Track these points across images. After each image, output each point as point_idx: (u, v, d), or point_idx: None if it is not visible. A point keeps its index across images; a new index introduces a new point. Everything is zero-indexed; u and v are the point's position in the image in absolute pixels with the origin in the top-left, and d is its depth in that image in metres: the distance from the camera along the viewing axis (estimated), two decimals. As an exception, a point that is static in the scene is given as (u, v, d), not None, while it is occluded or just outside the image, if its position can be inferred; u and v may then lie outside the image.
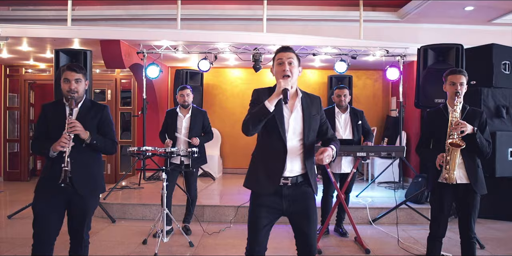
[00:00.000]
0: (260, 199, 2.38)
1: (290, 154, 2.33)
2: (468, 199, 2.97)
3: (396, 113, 7.93)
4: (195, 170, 4.56)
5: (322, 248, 4.11)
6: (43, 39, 6.06)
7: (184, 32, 6.42)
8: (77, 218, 2.71)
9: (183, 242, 4.23)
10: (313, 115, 2.41)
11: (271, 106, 2.24)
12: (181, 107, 4.61)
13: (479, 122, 3.02)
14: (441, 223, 3.04)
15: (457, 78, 3.02)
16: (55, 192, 2.62)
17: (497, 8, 6.55)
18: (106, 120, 2.83)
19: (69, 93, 2.65)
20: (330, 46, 6.54)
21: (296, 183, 2.36)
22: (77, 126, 2.59)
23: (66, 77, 2.68)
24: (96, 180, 2.78)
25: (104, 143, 2.76)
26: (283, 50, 2.39)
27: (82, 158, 2.68)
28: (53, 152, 2.59)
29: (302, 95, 2.43)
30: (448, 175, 2.89)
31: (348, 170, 4.36)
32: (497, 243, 4.39)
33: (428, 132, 3.18)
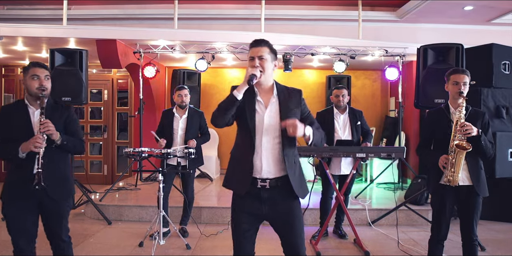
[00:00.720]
0: (239, 203, 2.30)
1: (266, 152, 2.23)
2: (470, 201, 2.91)
3: (395, 113, 7.89)
4: (192, 171, 4.50)
5: (321, 250, 4.06)
6: (38, 38, 5.99)
7: (181, 32, 6.35)
8: (53, 222, 2.63)
9: (180, 245, 4.17)
10: (292, 109, 2.27)
11: (238, 94, 2.16)
12: (177, 108, 4.55)
13: (482, 123, 2.96)
14: (443, 225, 2.98)
15: (461, 78, 2.95)
16: (25, 195, 2.53)
17: (497, 8, 6.51)
18: (73, 119, 2.72)
19: (39, 90, 2.52)
20: (328, 46, 6.50)
21: (276, 186, 2.24)
22: (50, 126, 2.47)
23: (35, 74, 2.54)
24: (68, 182, 2.70)
25: (73, 143, 2.65)
26: (254, 45, 2.27)
27: (52, 160, 2.56)
28: (22, 153, 2.47)
29: (279, 90, 2.32)
30: (453, 177, 2.82)
31: (347, 172, 4.31)
32: (497, 245, 4.35)
33: (429, 133, 3.12)
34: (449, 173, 2.83)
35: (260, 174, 2.23)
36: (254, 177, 2.23)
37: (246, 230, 2.28)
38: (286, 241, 2.30)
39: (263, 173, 2.23)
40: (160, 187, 3.97)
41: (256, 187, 2.23)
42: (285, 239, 2.30)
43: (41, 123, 2.46)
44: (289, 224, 2.27)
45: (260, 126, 2.24)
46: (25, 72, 2.58)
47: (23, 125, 2.54)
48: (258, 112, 2.26)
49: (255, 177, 2.23)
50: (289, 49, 6.47)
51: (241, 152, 2.30)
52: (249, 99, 2.25)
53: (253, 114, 2.24)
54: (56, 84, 4.95)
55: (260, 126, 2.24)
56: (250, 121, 2.23)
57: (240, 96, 2.16)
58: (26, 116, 2.56)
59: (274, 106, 2.27)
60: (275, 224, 2.32)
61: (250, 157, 2.23)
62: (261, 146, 2.23)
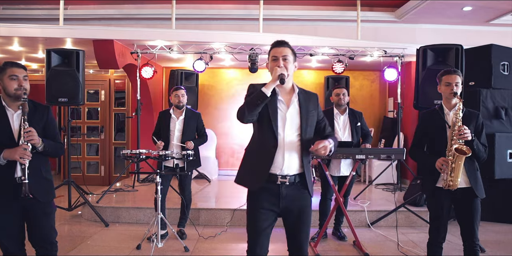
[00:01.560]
0: (257, 201, 2.32)
1: (288, 149, 2.29)
2: (469, 203, 2.88)
3: (394, 114, 7.88)
4: (189, 173, 4.46)
5: (320, 252, 4.03)
6: (34, 38, 5.95)
7: (179, 32, 6.31)
8: (42, 225, 2.56)
9: (178, 247, 4.13)
10: (311, 110, 2.37)
11: (267, 91, 2.22)
12: (175, 108, 4.51)
13: (476, 125, 2.94)
14: (441, 228, 2.96)
15: (452, 78, 2.93)
16: (8, 200, 2.47)
17: (496, 9, 6.50)
18: (52, 122, 2.65)
19: (18, 91, 2.43)
20: (327, 47, 6.48)
21: (294, 182, 2.32)
22: (34, 135, 2.41)
23: (13, 74, 2.43)
24: (50, 184, 2.64)
25: (54, 148, 2.60)
26: (277, 45, 2.36)
27: (35, 165, 2.49)
28: (3, 160, 2.40)
29: (299, 91, 2.39)
30: (453, 182, 2.79)
31: (347, 173, 4.28)
32: (497, 246, 4.33)
33: (423, 134, 3.10)
34: (448, 177, 2.80)
35: (280, 171, 2.28)
36: (274, 174, 2.29)
37: (265, 227, 2.31)
38: (293, 237, 2.37)
39: (284, 169, 2.29)
40: (158, 189, 3.93)
41: (276, 183, 2.29)
42: (293, 234, 2.37)
43: (25, 131, 2.38)
44: (301, 221, 2.36)
45: (282, 124, 2.30)
46: (2, 72, 2.47)
47: (1, 129, 2.45)
48: (281, 110, 2.32)
49: (274, 173, 2.29)
50: (288, 50, 6.44)
51: (261, 149, 2.33)
52: (270, 100, 2.29)
53: (276, 112, 2.30)
54: (53, 84, 4.97)
55: (282, 124, 2.30)
56: (273, 119, 2.29)
57: (269, 93, 2.22)
58: (5, 119, 2.47)
59: (295, 106, 2.35)
60: (288, 219, 2.37)
61: (272, 154, 2.27)
62: (284, 143, 2.28)
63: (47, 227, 2.58)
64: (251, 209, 2.35)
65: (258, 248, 2.32)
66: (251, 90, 2.36)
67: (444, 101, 3.02)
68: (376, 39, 7.06)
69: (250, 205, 2.36)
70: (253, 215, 2.34)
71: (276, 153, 2.28)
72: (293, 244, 2.37)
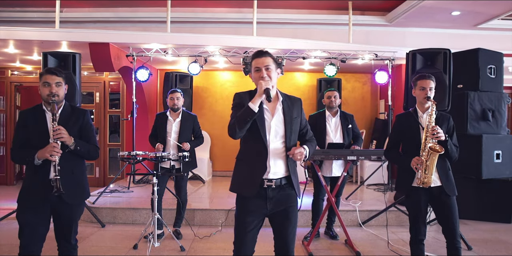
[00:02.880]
0: (245, 204, 2.41)
1: (273, 156, 2.37)
2: (443, 202, 3.01)
3: (385, 116, 8.02)
4: (185, 174, 4.55)
5: (313, 251, 4.13)
6: (30, 41, 6.00)
7: (174, 36, 6.40)
8: (65, 226, 2.68)
9: (174, 247, 4.22)
10: (294, 117, 2.45)
11: (255, 107, 2.29)
12: (171, 111, 4.60)
13: (447, 127, 3.09)
14: (421, 225, 3.07)
15: (427, 83, 3.07)
16: (40, 201, 2.58)
17: (483, 13, 6.69)
18: (88, 126, 2.78)
19: (49, 97, 2.58)
20: (319, 50, 6.60)
21: (280, 185, 2.40)
22: (63, 133, 2.53)
23: (46, 81, 2.61)
24: (82, 187, 2.74)
25: (87, 149, 2.71)
26: (258, 56, 2.42)
27: (67, 165, 2.61)
28: (38, 160, 2.53)
29: (283, 98, 2.47)
30: (426, 179, 2.92)
31: (338, 174, 4.39)
32: (484, 244, 4.46)
33: (398, 136, 3.23)
34: (422, 175, 2.93)
35: (267, 175, 2.37)
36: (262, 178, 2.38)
37: (251, 229, 2.40)
38: (280, 237, 2.44)
39: (270, 174, 2.37)
40: (155, 190, 4.01)
41: (263, 187, 2.37)
42: (280, 235, 2.44)
43: (54, 129, 2.51)
44: (287, 222, 2.43)
45: (267, 132, 2.39)
46: (40, 79, 2.65)
47: (40, 130, 2.59)
48: (266, 119, 2.40)
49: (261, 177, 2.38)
50: (281, 53, 6.56)
51: (252, 157, 2.41)
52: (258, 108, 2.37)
53: (263, 121, 2.39)
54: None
55: (268, 132, 2.39)
56: (261, 128, 2.37)
57: (256, 108, 2.30)
58: (43, 121, 2.62)
59: (280, 114, 2.43)
60: (275, 221, 2.45)
61: (264, 161, 2.37)
62: (269, 150, 2.37)
63: (68, 228, 2.68)
64: (240, 212, 2.44)
65: (244, 249, 2.40)
66: (236, 100, 2.44)
67: (418, 104, 3.16)
68: (367, 42, 7.21)
69: (239, 208, 2.45)
70: (241, 217, 2.42)
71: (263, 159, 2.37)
72: (280, 245, 2.45)
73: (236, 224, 2.45)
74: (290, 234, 2.43)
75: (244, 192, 2.43)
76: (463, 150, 3.30)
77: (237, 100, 2.46)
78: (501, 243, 4.56)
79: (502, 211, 5.46)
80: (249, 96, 2.41)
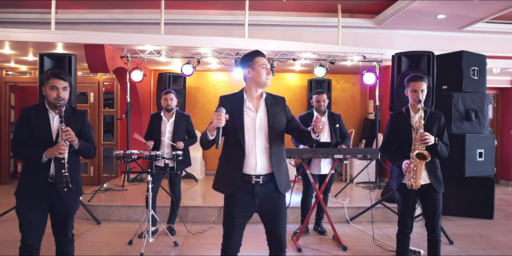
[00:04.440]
0: (234, 199, 2.52)
1: (259, 151, 2.48)
2: (430, 198, 3.20)
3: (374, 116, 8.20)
4: (179, 172, 4.69)
5: (302, 246, 4.30)
6: (26, 42, 6.07)
7: (167, 37, 6.52)
8: (62, 221, 2.82)
9: (168, 242, 4.36)
10: (277, 112, 2.56)
11: (210, 137, 2.40)
12: (165, 111, 4.74)
13: (439, 125, 3.23)
14: (408, 219, 3.28)
15: (419, 86, 3.18)
16: (39, 197, 2.71)
17: (467, 17, 6.88)
18: (87, 126, 2.93)
19: (57, 101, 2.71)
20: (309, 52, 6.74)
21: (267, 181, 2.49)
22: (72, 134, 2.67)
23: (54, 85, 2.72)
24: (78, 184, 2.86)
25: (88, 149, 2.87)
26: (262, 55, 2.58)
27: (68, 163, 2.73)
28: (45, 158, 2.67)
29: (266, 96, 2.61)
30: (415, 183, 3.10)
31: (326, 171, 4.55)
32: (465, 239, 4.66)
33: (391, 134, 3.37)
34: (411, 179, 3.11)
35: (254, 171, 2.48)
36: (248, 174, 2.48)
37: (239, 224, 2.53)
38: (272, 231, 2.57)
39: (258, 169, 2.49)
40: (149, 187, 4.15)
41: (251, 183, 2.48)
42: (271, 229, 2.57)
43: (63, 131, 2.65)
44: (277, 216, 2.54)
45: (252, 128, 2.51)
46: (45, 81, 2.76)
47: (43, 128, 2.73)
48: (250, 116, 2.53)
49: (249, 174, 2.48)
50: (272, 55, 6.71)
51: (232, 155, 2.52)
52: (237, 108, 2.52)
53: (242, 120, 2.50)
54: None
55: (253, 128, 2.51)
56: (239, 126, 2.49)
57: (211, 138, 2.40)
58: (46, 120, 2.75)
59: (263, 110, 2.55)
60: (264, 215, 2.57)
61: (242, 159, 2.47)
62: (255, 146, 2.49)
63: (64, 223, 2.83)
64: (228, 208, 2.54)
65: (232, 243, 2.53)
66: (222, 103, 2.54)
67: (411, 104, 3.29)
68: (356, 44, 7.38)
69: (227, 204, 2.55)
70: (229, 213, 2.52)
71: (249, 156, 2.48)
72: (272, 238, 2.56)
73: (224, 220, 2.56)
74: (282, 229, 2.55)
75: (223, 190, 2.56)
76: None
77: (222, 102, 2.56)
78: (482, 237, 4.76)
79: (485, 207, 5.66)
80: (232, 99, 2.56)
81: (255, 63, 2.53)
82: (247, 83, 2.59)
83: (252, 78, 2.54)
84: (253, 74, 2.53)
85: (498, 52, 7.40)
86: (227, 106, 2.49)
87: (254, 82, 2.55)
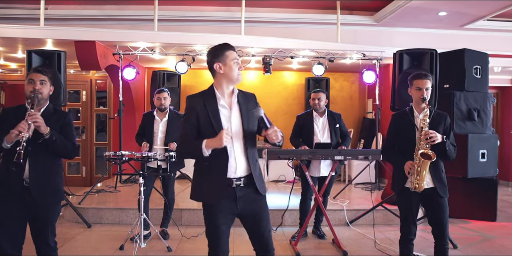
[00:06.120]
0: (214, 206, 2.33)
1: (237, 153, 2.33)
2: (435, 203, 3.02)
3: (373, 115, 8.07)
4: (172, 174, 4.52)
5: (300, 251, 4.14)
6: (14, 39, 5.88)
7: (161, 34, 6.34)
8: (41, 228, 2.65)
9: (161, 247, 4.19)
10: (250, 110, 2.40)
11: (206, 153, 2.23)
12: (158, 111, 4.56)
13: (444, 126, 3.05)
14: (411, 226, 3.10)
15: (423, 83, 3.01)
16: (14, 199, 2.55)
17: (469, 14, 6.76)
18: (68, 125, 2.77)
19: (32, 93, 2.59)
20: (308, 49, 6.60)
21: (247, 183, 2.34)
22: (39, 119, 2.51)
23: (31, 78, 2.64)
24: (56, 187, 2.71)
25: (63, 143, 2.66)
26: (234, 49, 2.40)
27: (42, 165, 2.61)
28: (7, 144, 2.49)
29: (238, 93, 2.43)
30: (418, 185, 2.92)
31: (326, 174, 4.39)
32: (469, 243, 4.51)
33: (394, 135, 3.19)
34: (414, 181, 2.92)
35: (234, 174, 2.32)
36: (229, 178, 2.31)
37: (224, 230, 2.34)
38: (256, 235, 2.40)
39: (238, 172, 2.32)
40: (141, 190, 3.97)
41: (231, 186, 2.31)
42: (256, 233, 2.40)
43: (29, 114, 2.48)
44: (260, 218, 2.39)
45: (229, 129, 2.32)
46: (26, 78, 2.68)
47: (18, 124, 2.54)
48: (224, 114, 2.34)
49: (229, 177, 2.31)
50: (269, 52, 6.55)
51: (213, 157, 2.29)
52: (211, 107, 2.33)
53: (219, 120, 2.32)
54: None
55: (228, 127, 2.32)
56: (217, 127, 2.28)
57: (207, 154, 2.24)
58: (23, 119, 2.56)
59: (236, 108, 2.38)
60: (246, 219, 2.40)
61: (225, 161, 2.30)
62: (233, 147, 2.32)
63: (45, 229, 2.66)
64: (210, 216, 2.35)
65: (220, 250, 2.34)
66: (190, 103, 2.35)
67: (415, 104, 3.11)
68: (355, 42, 7.23)
69: (209, 212, 2.35)
70: (213, 221, 2.33)
71: (229, 159, 2.30)
72: (258, 242, 2.40)
73: (208, 229, 2.36)
74: (266, 230, 2.39)
75: (207, 199, 2.36)
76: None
77: (189, 103, 2.37)
78: (486, 241, 4.62)
79: (487, 209, 5.52)
80: (201, 99, 2.35)
81: (226, 57, 2.33)
82: (217, 79, 2.38)
83: (224, 74, 2.34)
84: (225, 69, 2.33)
85: (500, 50, 7.28)
86: (197, 106, 2.32)
87: (226, 78, 2.35)
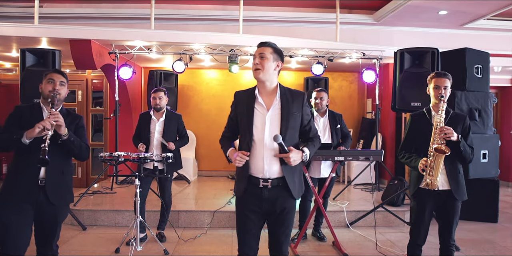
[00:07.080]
0: (243, 203, 2.37)
1: (267, 154, 2.27)
2: (449, 205, 2.91)
3: (372, 115, 8.00)
4: (169, 175, 4.42)
5: (300, 253, 4.07)
6: (8, 37, 5.77)
7: (158, 33, 6.24)
8: (48, 229, 2.60)
9: (158, 250, 4.10)
10: (293, 112, 2.32)
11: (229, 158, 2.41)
12: (154, 110, 4.47)
13: (463, 127, 2.95)
14: (422, 230, 2.99)
15: (442, 82, 2.95)
16: (24, 200, 2.50)
17: (469, 13, 6.70)
18: (82, 128, 2.79)
19: (51, 93, 2.58)
20: (307, 48, 6.52)
21: (277, 185, 2.30)
22: (61, 118, 2.49)
23: (51, 78, 2.63)
24: (69, 189, 2.69)
25: (80, 144, 2.67)
26: (258, 46, 2.40)
27: (58, 165, 2.58)
28: (26, 139, 2.44)
29: (282, 92, 2.36)
30: (431, 181, 2.81)
31: (326, 175, 4.32)
32: (471, 245, 4.45)
33: (411, 136, 3.08)
34: (427, 176, 2.82)
35: (262, 174, 2.29)
36: (256, 177, 2.30)
37: (251, 229, 2.35)
38: (272, 236, 2.41)
39: (265, 173, 2.30)
40: (137, 192, 3.88)
41: (258, 186, 2.30)
42: (272, 234, 2.41)
43: (51, 113, 2.47)
44: (281, 222, 2.37)
45: (261, 128, 2.29)
46: (44, 77, 2.67)
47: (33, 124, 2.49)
48: (260, 113, 2.31)
49: (256, 176, 2.30)
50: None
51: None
52: (248, 105, 2.33)
53: (252, 117, 2.30)
54: (27, 85, 4.83)
55: (262, 128, 2.29)
56: (249, 125, 2.29)
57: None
58: (40, 118, 2.56)
59: (276, 108, 2.32)
60: (269, 221, 2.41)
61: (251, 159, 2.31)
62: (263, 148, 2.28)
63: (51, 231, 2.62)
64: (238, 212, 2.40)
65: (246, 248, 2.36)
66: (236, 99, 2.41)
67: (433, 104, 3.03)
68: (355, 41, 7.15)
69: (238, 208, 2.41)
70: (239, 217, 2.39)
71: (256, 157, 2.30)
72: (273, 245, 2.41)
73: (236, 224, 2.42)
74: (283, 236, 2.38)
75: (235, 191, 2.43)
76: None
77: (236, 98, 2.44)
78: (488, 243, 4.56)
79: (489, 210, 5.46)
80: (246, 96, 2.37)
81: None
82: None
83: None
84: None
85: (500, 50, 7.21)
86: (238, 102, 2.38)
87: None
